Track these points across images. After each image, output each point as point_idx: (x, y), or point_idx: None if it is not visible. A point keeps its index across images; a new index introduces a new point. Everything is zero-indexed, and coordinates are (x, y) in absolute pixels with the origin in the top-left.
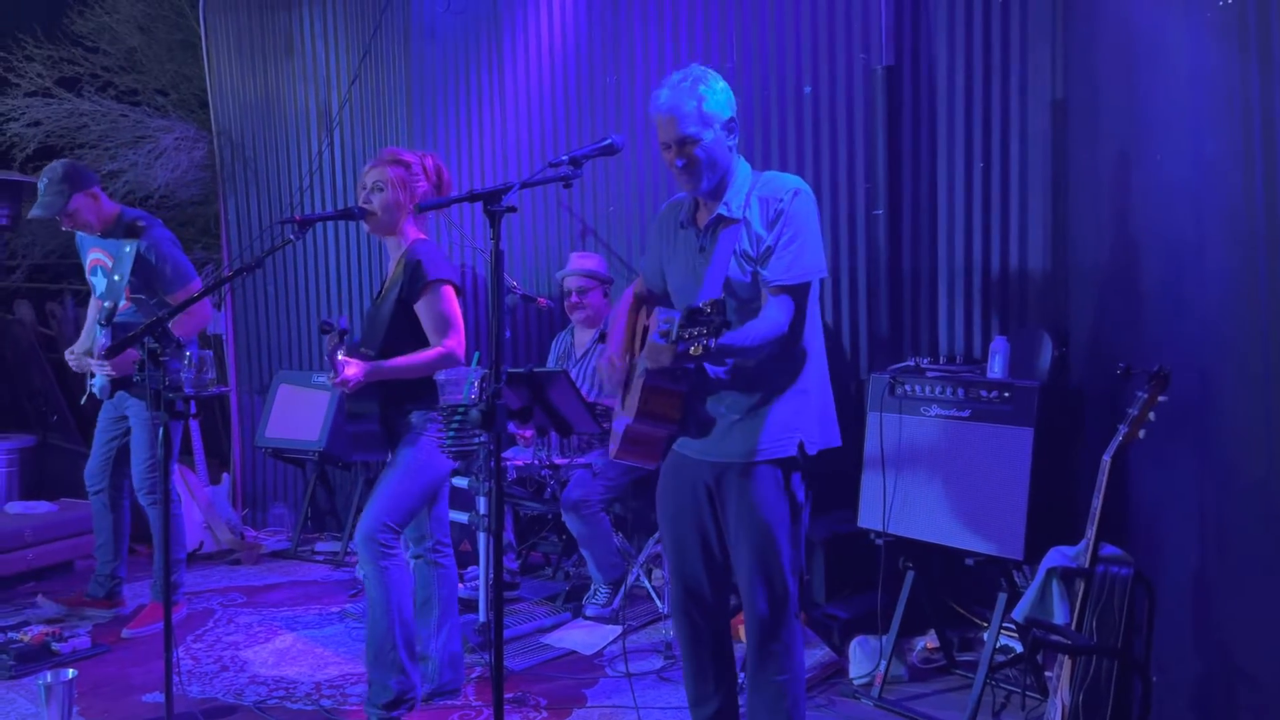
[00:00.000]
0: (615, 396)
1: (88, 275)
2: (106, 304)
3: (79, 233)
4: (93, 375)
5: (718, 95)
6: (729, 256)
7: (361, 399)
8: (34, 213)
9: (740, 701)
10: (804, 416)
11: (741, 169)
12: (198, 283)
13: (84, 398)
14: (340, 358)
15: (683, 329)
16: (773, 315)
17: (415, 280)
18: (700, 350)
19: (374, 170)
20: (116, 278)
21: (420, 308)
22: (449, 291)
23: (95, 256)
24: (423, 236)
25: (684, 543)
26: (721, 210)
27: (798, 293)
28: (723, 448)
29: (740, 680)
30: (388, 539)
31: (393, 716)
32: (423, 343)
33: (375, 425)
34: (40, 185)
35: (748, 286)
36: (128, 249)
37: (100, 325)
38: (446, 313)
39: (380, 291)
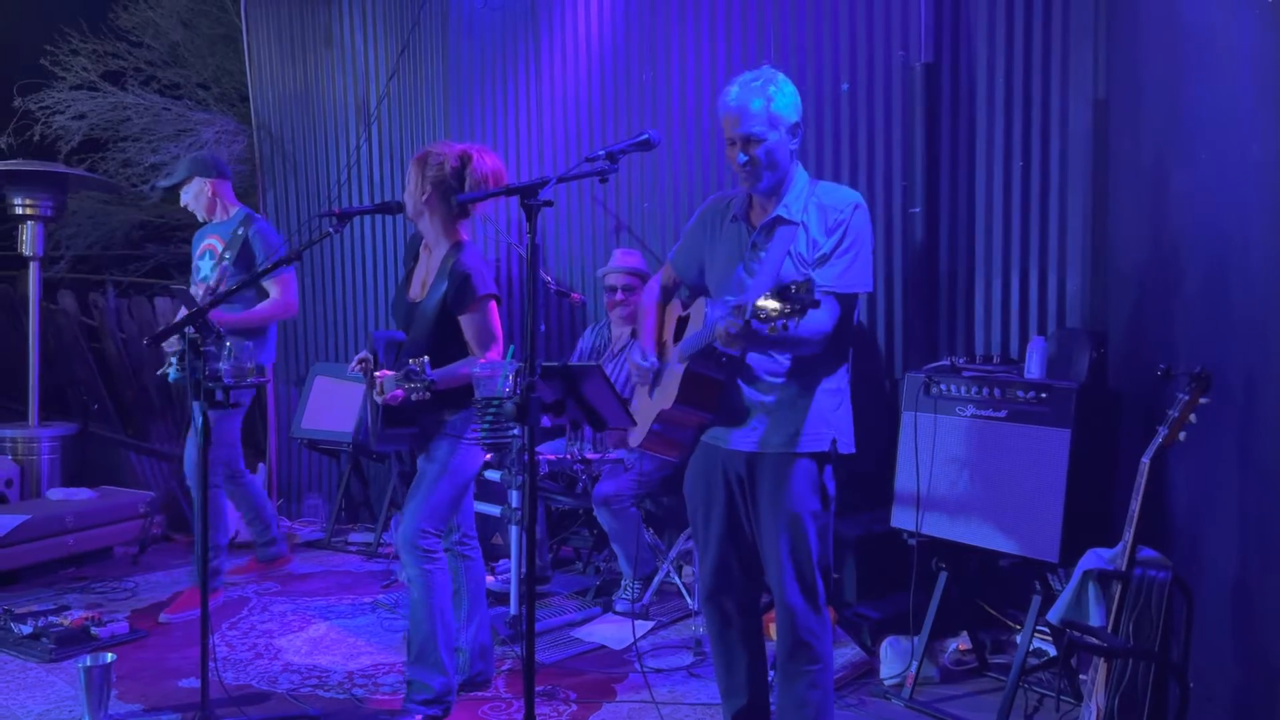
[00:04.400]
0: (643, 388)
1: (195, 261)
2: (212, 281)
3: (202, 230)
4: (170, 361)
5: (786, 98)
6: (784, 255)
7: (401, 409)
8: (159, 182)
9: (770, 700)
10: (839, 415)
11: (800, 175)
12: (291, 274)
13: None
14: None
15: (762, 309)
16: (820, 316)
17: (464, 294)
18: (777, 330)
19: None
20: (227, 257)
21: (466, 320)
22: (494, 307)
23: (209, 242)
24: (464, 238)
25: (715, 529)
26: (781, 211)
27: (845, 300)
28: (758, 438)
29: (770, 678)
30: (430, 544)
31: (433, 714)
32: (462, 347)
33: (413, 430)
34: (162, 181)
35: None
36: (239, 231)
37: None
38: (491, 327)
39: (406, 278)
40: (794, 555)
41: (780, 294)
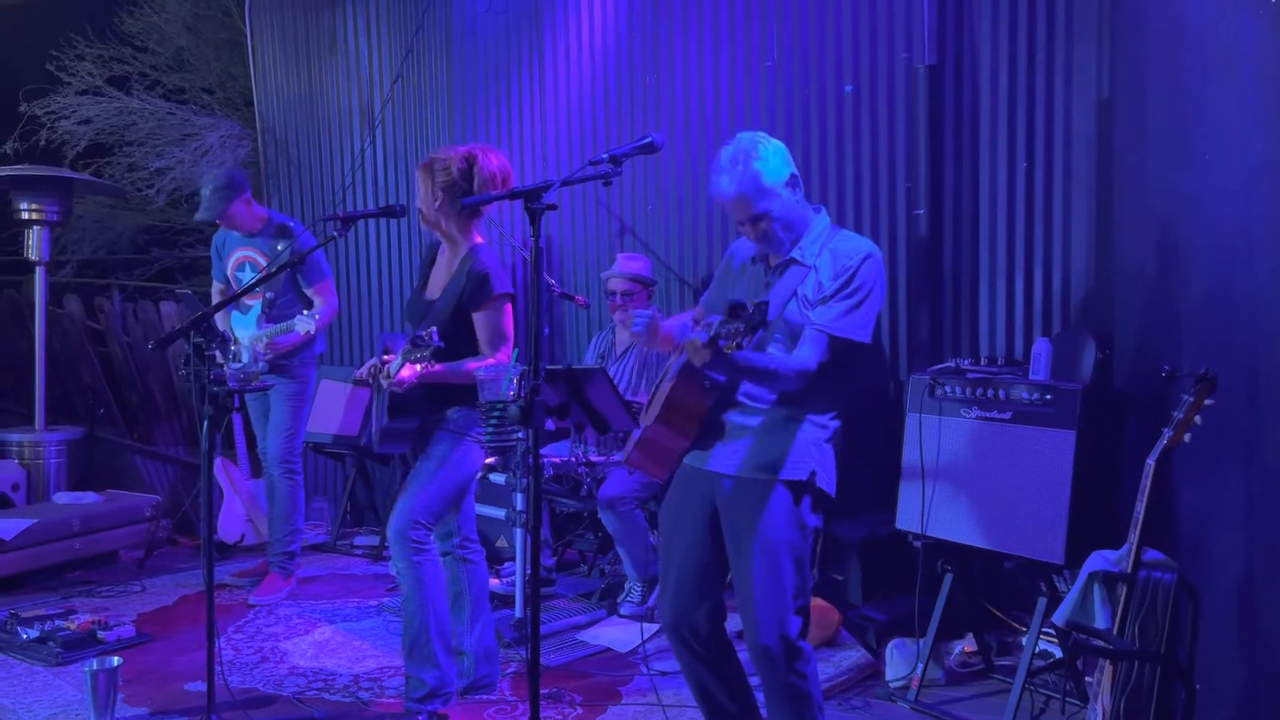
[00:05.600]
0: (647, 345)
1: (232, 272)
2: (269, 295)
3: (224, 234)
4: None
5: (772, 162)
6: (790, 295)
7: (406, 398)
8: (199, 216)
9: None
10: (821, 450)
11: (819, 222)
12: (331, 278)
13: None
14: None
15: (723, 325)
16: (804, 352)
17: (482, 291)
18: (735, 347)
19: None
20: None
21: (479, 318)
22: (509, 308)
23: (245, 254)
24: (480, 240)
25: (679, 552)
26: (795, 254)
27: (836, 344)
28: (738, 461)
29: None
30: (420, 535)
31: (429, 710)
32: (473, 347)
33: (415, 423)
34: (204, 192)
35: (797, 328)
36: (281, 247)
37: (263, 312)
38: (504, 327)
39: (423, 281)
40: (769, 589)
41: (732, 311)
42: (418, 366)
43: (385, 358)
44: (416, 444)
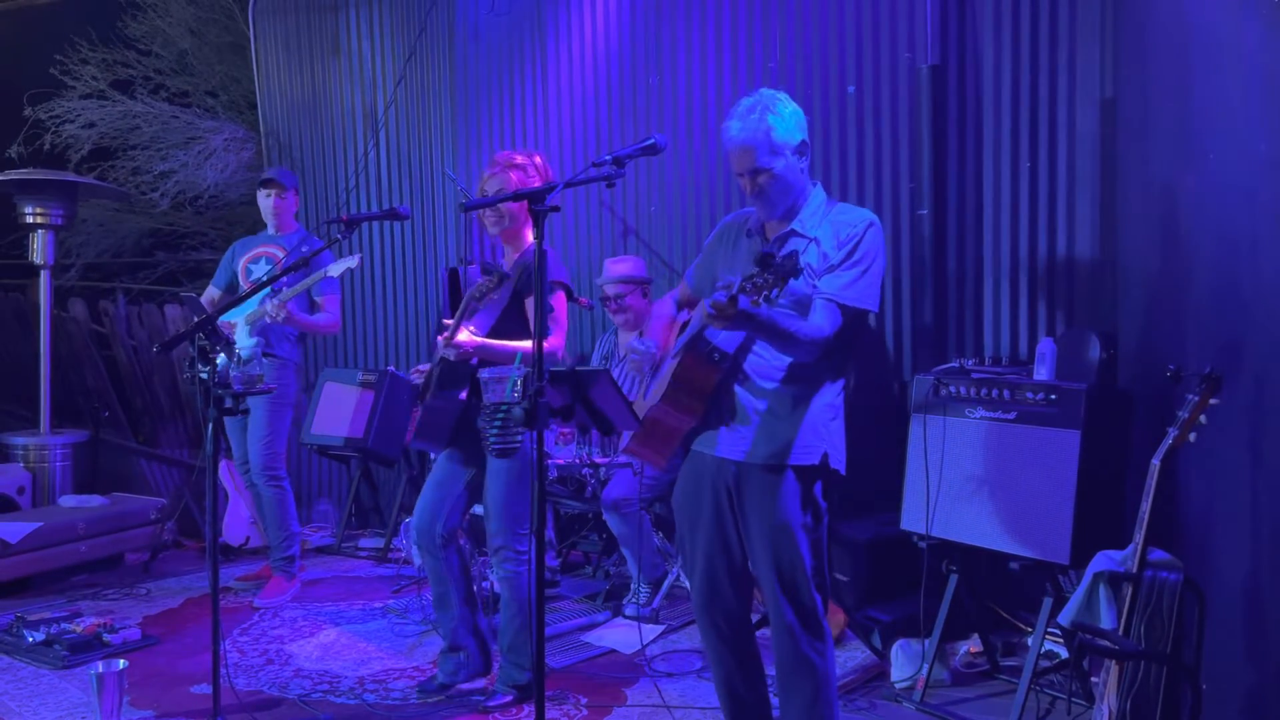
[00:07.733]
0: (645, 376)
1: (245, 264)
2: (287, 291)
3: (246, 241)
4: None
5: (787, 121)
6: None
7: (455, 374)
8: (266, 171)
9: (773, 712)
10: (831, 429)
11: (816, 195)
12: (339, 294)
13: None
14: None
15: (748, 279)
16: (819, 320)
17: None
18: (760, 302)
19: (493, 178)
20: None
21: (531, 303)
22: (561, 295)
23: (267, 250)
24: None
25: (702, 542)
26: (795, 226)
27: (847, 313)
28: (746, 446)
29: (771, 683)
30: (522, 545)
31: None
32: (526, 335)
33: (458, 406)
34: (273, 171)
35: (805, 298)
36: (305, 249)
37: (272, 294)
38: (556, 313)
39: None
40: (787, 571)
41: (762, 261)
42: (465, 336)
43: (445, 322)
44: (459, 445)
